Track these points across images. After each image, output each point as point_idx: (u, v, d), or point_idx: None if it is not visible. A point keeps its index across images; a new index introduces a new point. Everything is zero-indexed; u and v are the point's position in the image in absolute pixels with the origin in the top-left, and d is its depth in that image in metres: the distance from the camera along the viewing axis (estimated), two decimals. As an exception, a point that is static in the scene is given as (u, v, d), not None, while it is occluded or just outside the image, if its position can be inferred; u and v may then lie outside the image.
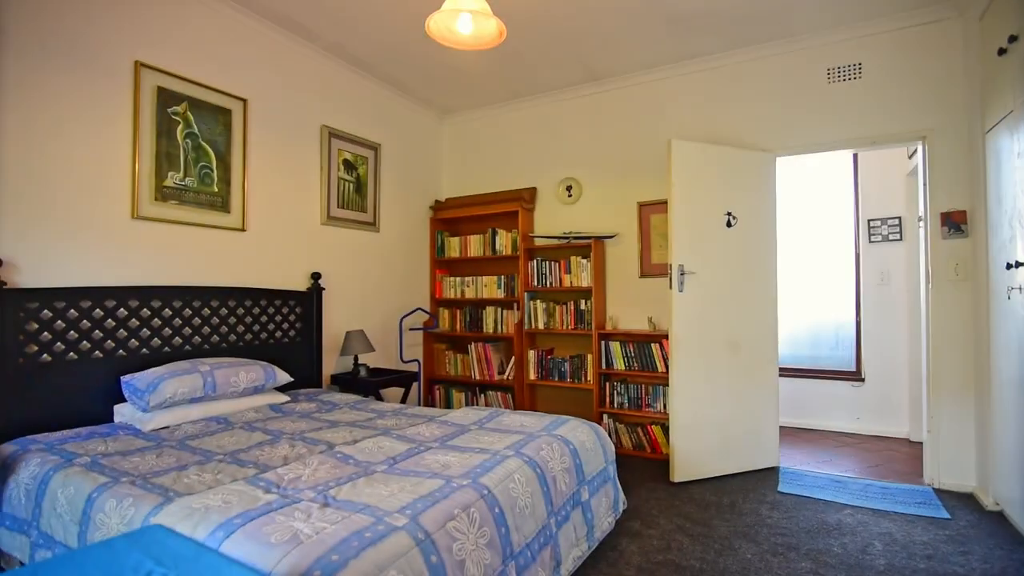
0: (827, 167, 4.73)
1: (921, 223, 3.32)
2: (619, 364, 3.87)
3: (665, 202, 3.83)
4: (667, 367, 3.59)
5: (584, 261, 4.06)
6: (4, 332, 2.19)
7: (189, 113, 2.93)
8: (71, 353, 2.40)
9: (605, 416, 3.94)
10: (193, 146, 2.95)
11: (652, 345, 3.76)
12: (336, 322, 3.86)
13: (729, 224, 3.41)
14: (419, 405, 3.99)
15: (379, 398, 3.72)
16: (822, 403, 4.56)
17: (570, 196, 4.38)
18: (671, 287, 3.26)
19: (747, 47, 3.65)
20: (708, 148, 3.40)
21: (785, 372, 4.52)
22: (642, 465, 3.57)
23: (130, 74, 2.68)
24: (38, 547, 1.80)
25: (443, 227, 4.89)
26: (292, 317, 3.44)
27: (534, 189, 4.54)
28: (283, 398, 2.95)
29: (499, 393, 4.46)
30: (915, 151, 3.72)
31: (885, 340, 4.37)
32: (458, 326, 4.69)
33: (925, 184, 3.21)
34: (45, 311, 2.32)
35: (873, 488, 3.09)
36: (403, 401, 3.96)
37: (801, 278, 4.82)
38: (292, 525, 1.36)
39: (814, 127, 3.50)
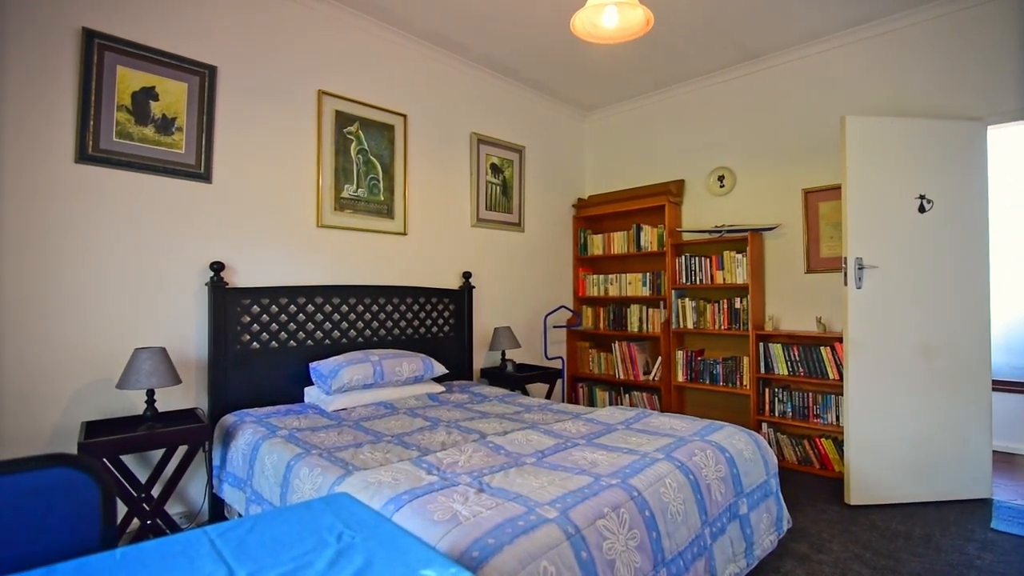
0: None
1: None
2: (781, 369, 3.53)
3: (837, 188, 3.40)
4: (841, 374, 3.19)
5: (739, 256, 3.77)
6: (228, 324, 2.66)
7: (360, 132, 3.30)
8: (273, 342, 2.84)
9: (764, 425, 3.62)
10: (363, 160, 3.32)
11: (821, 348, 3.36)
12: (485, 318, 4.06)
13: (922, 209, 2.91)
14: (563, 402, 4.03)
15: (525, 392, 3.83)
16: (1055, 426, 3.69)
17: (722, 187, 4.09)
18: (846, 283, 2.89)
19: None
20: (892, 122, 2.94)
21: (1000, 386, 3.74)
22: (809, 482, 3.21)
23: (314, 102, 3.10)
24: (251, 502, 2.16)
25: (586, 225, 4.88)
26: (446, 314, 3.70)
27: (681, 181, 4.32)
28: (439, 388, 3.18)
29: (644, 394, 4.33)
30: None
31: None
32: (602, 324, 4.65)
33: None
34: (254, 307, 2.77)
35: None
36: (548, 397, 4.03)
37: (1022, 271, 3.95)
38: (452, 506, 1.46)
39: (1043, 85, 2.85)
